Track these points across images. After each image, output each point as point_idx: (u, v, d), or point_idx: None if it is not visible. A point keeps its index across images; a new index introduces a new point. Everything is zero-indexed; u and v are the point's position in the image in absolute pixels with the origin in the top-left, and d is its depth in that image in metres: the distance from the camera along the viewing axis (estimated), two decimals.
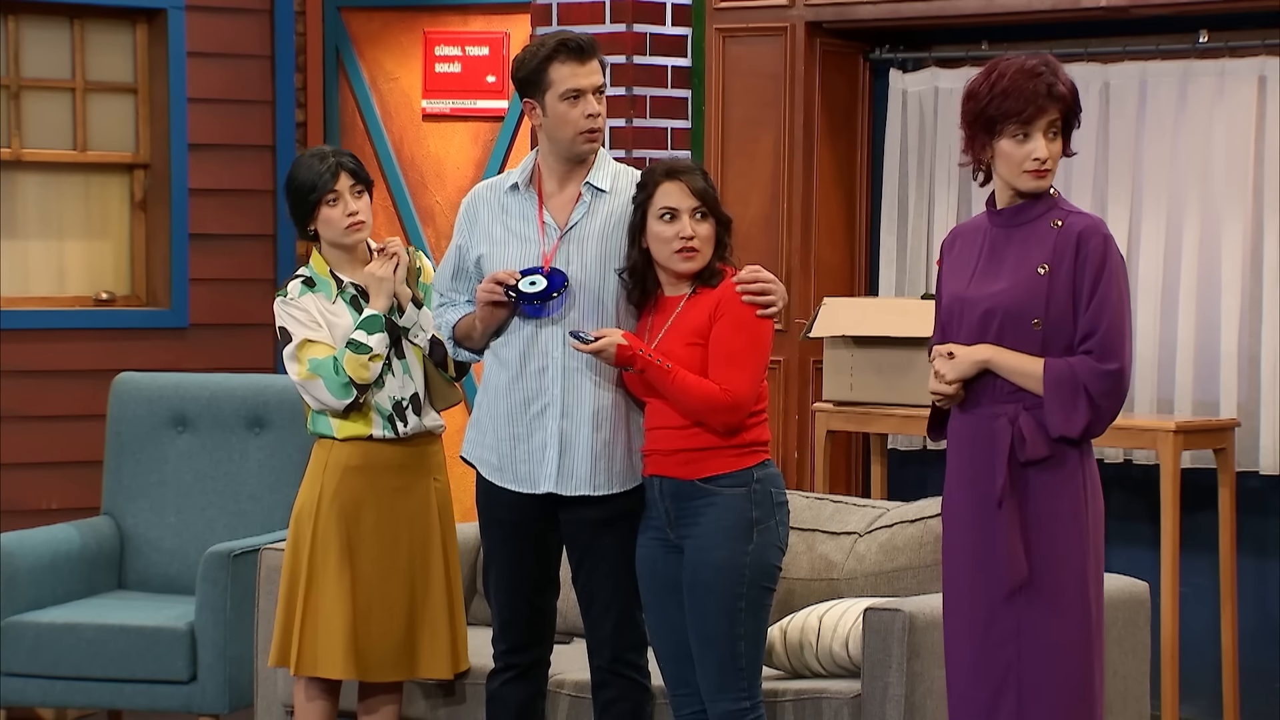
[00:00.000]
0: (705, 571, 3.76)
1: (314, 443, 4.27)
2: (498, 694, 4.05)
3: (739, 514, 3.76)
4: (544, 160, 3.96)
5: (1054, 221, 3.52)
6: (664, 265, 3.82)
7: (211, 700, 4.87)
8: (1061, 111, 3.50)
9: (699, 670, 3.80)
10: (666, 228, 3.78)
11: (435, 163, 6.65)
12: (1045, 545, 3.51)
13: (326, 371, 4.15)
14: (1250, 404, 5.29)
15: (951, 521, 3.62)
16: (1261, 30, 5.23)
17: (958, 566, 3.58)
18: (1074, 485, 3.52)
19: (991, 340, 3.52)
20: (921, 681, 3.97)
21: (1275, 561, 5.32)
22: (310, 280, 4.24)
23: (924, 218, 5.75)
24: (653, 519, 3.86)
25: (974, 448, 3.55)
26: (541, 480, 3.93)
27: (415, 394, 4.21)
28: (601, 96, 3.90)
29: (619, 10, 5.89)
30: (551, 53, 3.87)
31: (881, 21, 5.61)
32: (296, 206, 4.23)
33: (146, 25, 6.48)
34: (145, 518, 5.30)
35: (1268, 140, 5.23)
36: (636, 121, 5.91)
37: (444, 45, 6.58)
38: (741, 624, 3.76)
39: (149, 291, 6.53)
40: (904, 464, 5.80)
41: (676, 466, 3.79)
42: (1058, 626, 3.50)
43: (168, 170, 6.44)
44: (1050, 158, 3.50)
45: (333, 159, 4.20)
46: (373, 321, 4.18)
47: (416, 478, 4.23)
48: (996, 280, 3.53)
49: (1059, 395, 3.47)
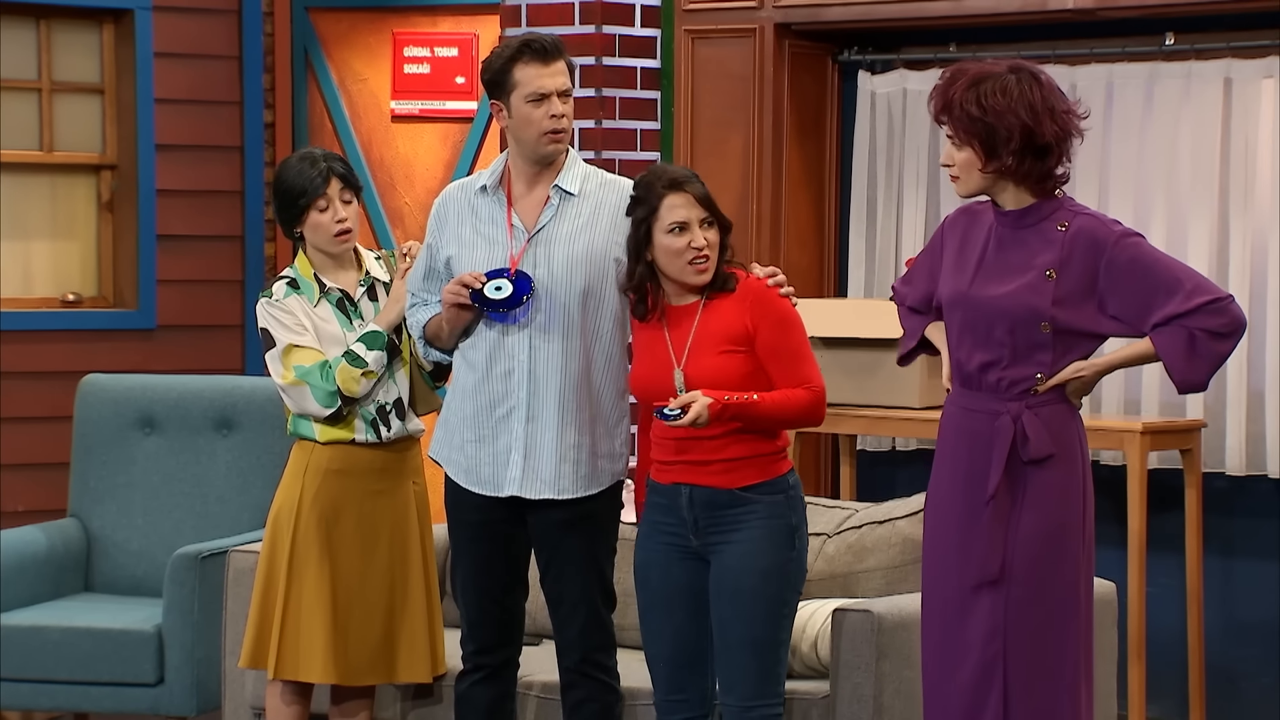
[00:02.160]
0: (752, 578, 3.71)
1: (292, 444, 4.25)
2: (466, 695, 4.04)
3: (781, 520, 3.74)
4: (513, 162, 3.96)
5: (1060, 224, 3.52)
6: (674, 278, 3.76)
7: (179, 702, 4.85)
8: (952, 124, 3.51)
9: (737, 676, 3.73)
10: (678, 240, 3.72)
11: (404, 164, 6.63)
12: (1042, 544, 3.51)
13: (314, 378, 4.13)
14: (1217, 405, 5.31)
15: (938, 516, 3.61)
16: (1227, 32, 5.26)
17: (942, 562, 3.58)
18: (1075, 484, 3.53)
19: (997, 341, 3.51)
20: (890, 682, 3.97)
21: (1241, 562, 5.35)
22: (294, 282, 4.23)
23: (892, 219, 5.76)
24: (667, 525, 3.78)
25: (973, 444, 3.54)
26: (505, 484, 3.93)
27: (399, 399, 4.20)
28: (567, 98, 3.89)
29: (588, 12, 5.88)
30: (515, 54, 3.87)
31: (850, 23, 5.62)
32: (284, 209, 4.21)
33: (113, 25, 6.45)
34: (112, 520, 5.28)
35: (1233, 142, 5.26)
36: (606, 123, 5.91)
37: (413, 46, 6.57)
38: (785, 629, 3.76)
39: (116, 293, 6.50)
40: (873, 465, 5.81)
41: (712, 475, 3.73)
42: (1047, 626, 3.50)
43: (135, 171, 6.42)
44: (954, 164, 3.52)
45: (324, 163, 4.18)
46: (375, 338, 4.15)
47: (396, 481, 4.22)
48: (1002, 282, 3.53)
49: (1175, 353, 3.46)
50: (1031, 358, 3.53)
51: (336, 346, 4.17)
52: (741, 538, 3.72)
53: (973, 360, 3.57)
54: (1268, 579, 5.30)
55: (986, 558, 3.51)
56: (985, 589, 3.51)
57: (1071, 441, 3.55)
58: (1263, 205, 5.22)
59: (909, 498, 4.43)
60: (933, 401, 5.40)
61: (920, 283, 3.71)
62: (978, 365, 3.56)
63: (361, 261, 4.27)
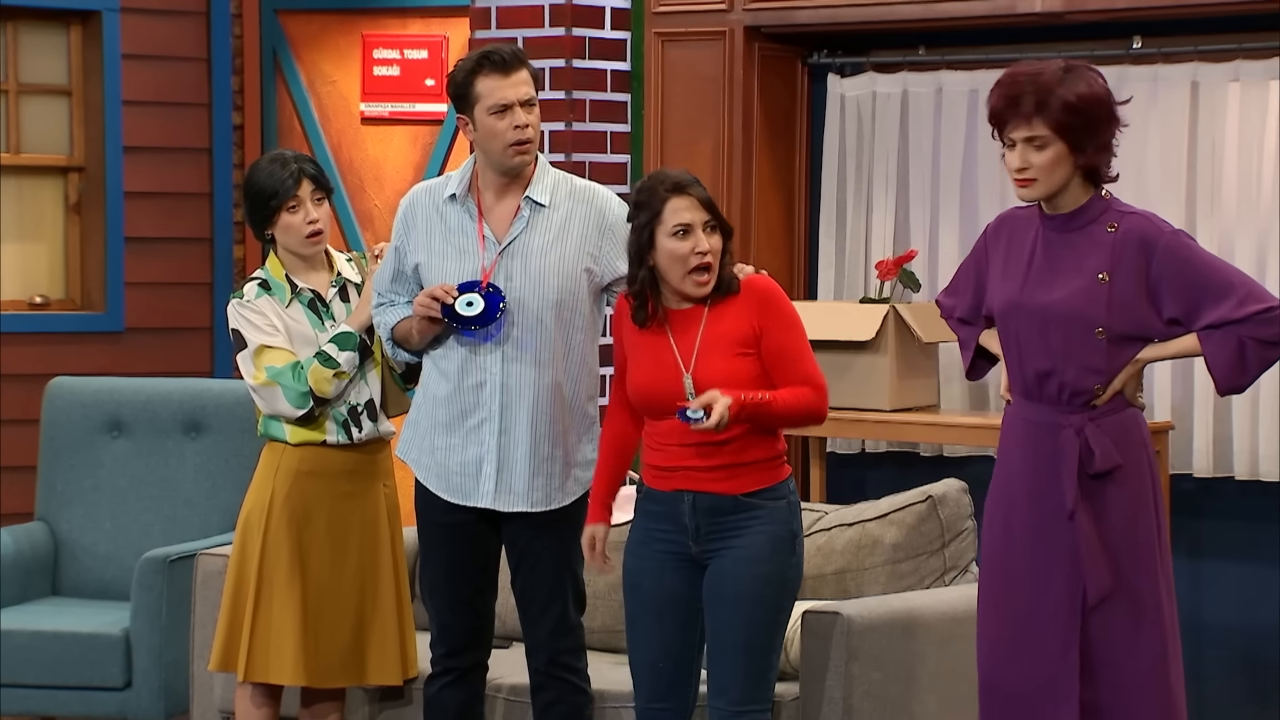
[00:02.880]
0: (754, 584, 3.69)
1: (262, 446, 4.24)
2: (436, 698, 4.03)
3: (783, 526, 3.72)
4: (481, 172, 3.95)
5: (1109, 225, 3.49)
6: (675, 287, 3.70)
7: (147, 706, 4.84)
8: (1048, 126, 3.43)
9: (730, 679, 3.70)
10: (681, 244, 3.67)
11: (374, 166, 6.62)
12: (1124, 558, 3.48)
13: (286, 379, 4.12)
14: (1184, 406, 5.33)
15: (1005, 532, 3.55)
16: (1194, 36, 5.28)
17: (1008, 578, 3.52)
18: (1145, 492, 3.50)
19: (1054, 349, 3.47)
20: (860, 684, 3.98)
21: (1209, 563, 5.37)
22: (265, 283, 4.21)
23: (862, 221, 5.77)
24: (663, 532, 3.74)
25: (1036, 461, 3.50)
26: (479, 496, 3.92)
27: (370, 400, 4.20)
28: (531, 108, 3.87)
29: (558, 14, 5.88)
30: (475, 67, 3.87)
31: (819, 26, 5.63)
32: (255, 211, 4.20)
33: (81, 27, 6.43)
34: (80, 523, 5.26)
35: (1200, 145, 5.28)
36: (576, 125, 5.91)
37: (382, 48, 6.56)
38: (779, 635, 3.74)
39: (84, 295, 6.48)
40: (842, 467, 5.82)
41: (715, 481, 3.69)
42: (1142, 636, 3.48)
43: (102, 173, 6.39)
44: (1028, 167, 3.46)
45: (295, 165, 4.17)
46: (346, 339, 4.15)
47: (367, 483, 4.21)
48: (1053, 288, 3.49)
49: (1224, 360, 3.43)
50: (1087, 364, 3.48)
51: (308, 347, 4.17)
52: (744, 543, 3.70)
53: (1030, 369, 3.52)
54: (1234, 580, 5.32)
55: (1096, 575, 3.45)
56: (1068, 608, 3.45)
57: (1139, 450, 3.53)
58: (1229, 208, 5.24)
59: (879, 500, 4.43)
60: (902, 403, 5.41)
61: (966, 292, 3.68)
62: (1035, 375, 3.52)
63: (333, 263, 4.27)
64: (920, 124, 5.63)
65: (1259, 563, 5.30)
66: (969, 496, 4.41)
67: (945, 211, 5.61)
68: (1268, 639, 5.26)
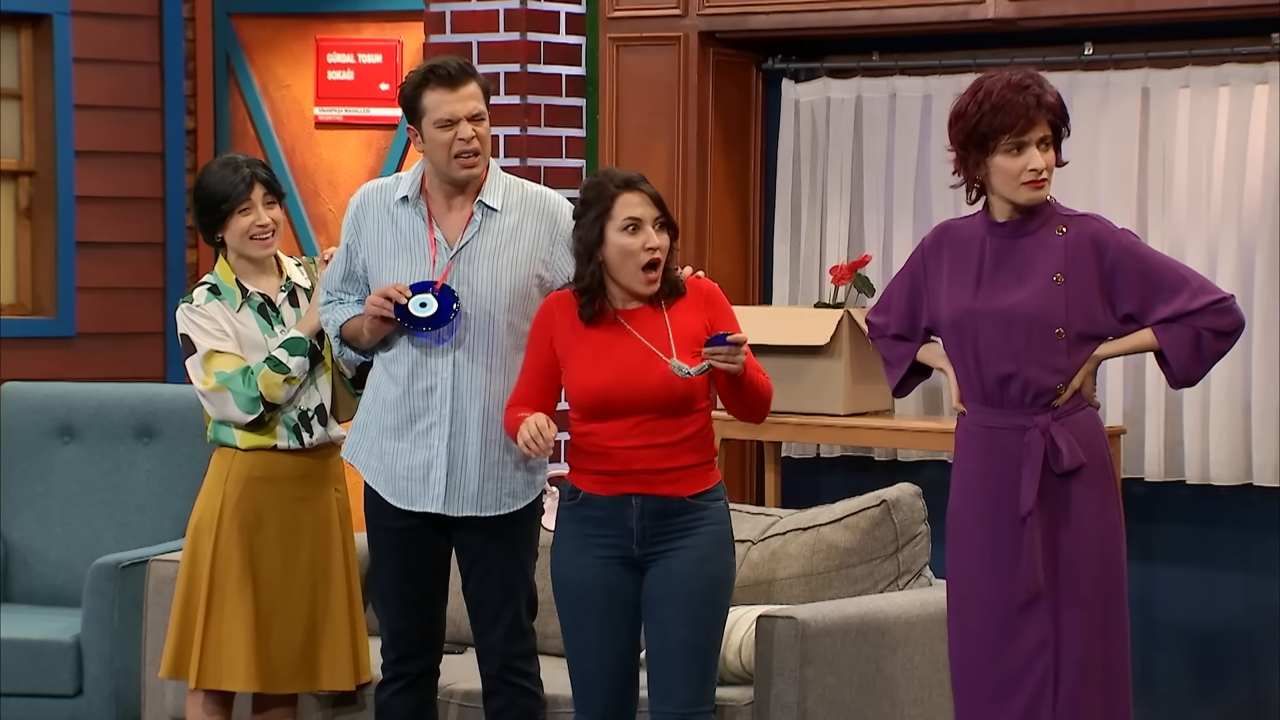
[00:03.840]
0: (702, 583, 3.69)
1: (212, 451, 4.22)
2: (388, 704, 4.02)
3: (724, 526, 3.74)
4: (430, 177, 3.95)
5: (1059, 229, 3.55)
6: (624, 283, 3.70)
7: (98, 714, 4.81)
8: (1051, 123, 3.55)
9: (677, 681, 3.69)
10: (632, 239, 3.67)
11: (328, 170, 6.60)
12: (1086, 555, 3.52)
13: (236, 385, 4.10)
14: (1135, 411, 5.36)
15: (968, 540, 3.59)
16: (1144, 43, 5.31)
17: (976, 585, 3.57)
18: (1110, 492, 3.56)
19: (1015, 352, 3.52)
20: (814, 688, 3.99)
21: (1161, 567, 5.40)
22: (215, 288, 4.20)
23: (817, 227, 5.79)
24: (604, 537, 3.71)
25: (1002, 460, 3.54)
26: (428, 501, 3.91)
27: (321, 405, 4.18)
28: (479, 122, 3.87)
29: (513, 19, 5.88)
30: (423, 80, 3.88)
31: (774, 32, 5.64)
32: (206, 215, 4.18)
33: (31, 30, 6.39)
34: (31, 529, 5.22)
35: (1151, 151, 5.32)
36: (531, 130, 5.91)
37: (336, 53, 6.54)
38: (721, 635, 3.75)
39: (35, 300, 6.43)
40: (798, 471, 5.83)
41: (665, 484, 3.69)
42: (1097, 635, 3.53)
43: (54, 177, 6.36)
44: (1046, 168, 3.54)
45: (246, 169, 4.16)
46: (296, 344, 4.13)
47: (318, 488, 4.20)
48: (1010, 292, 3.54)
49: (1181, 351, 3.48)
50: (1049, 364, 3.53)
51: (258, 352, 4.15)
52: (691, 543, 3.70)
53: (991, 374, 3.56)
54: (1185, 584, 5.35)
55: (1032, 574, 3.50)
56: (1033, 605, 3.51)
57: (1101, 449, 3.57)
58: (1179, 213, 5.28)
59: (833, 504, 4.44)
60: (857, 408, 5.43)
61: (900, 308, 3.71)
62: (997, 379, 3.56)
63: (282, 267, 4.25)
64: (874, 129, 5.65)
65: (1210, 566, 5.33)
66: (923, 501, 4.42)
67: (899, 216, 5.63)
68: (1218, 642, 5.30)
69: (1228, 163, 5.18)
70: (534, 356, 3.79)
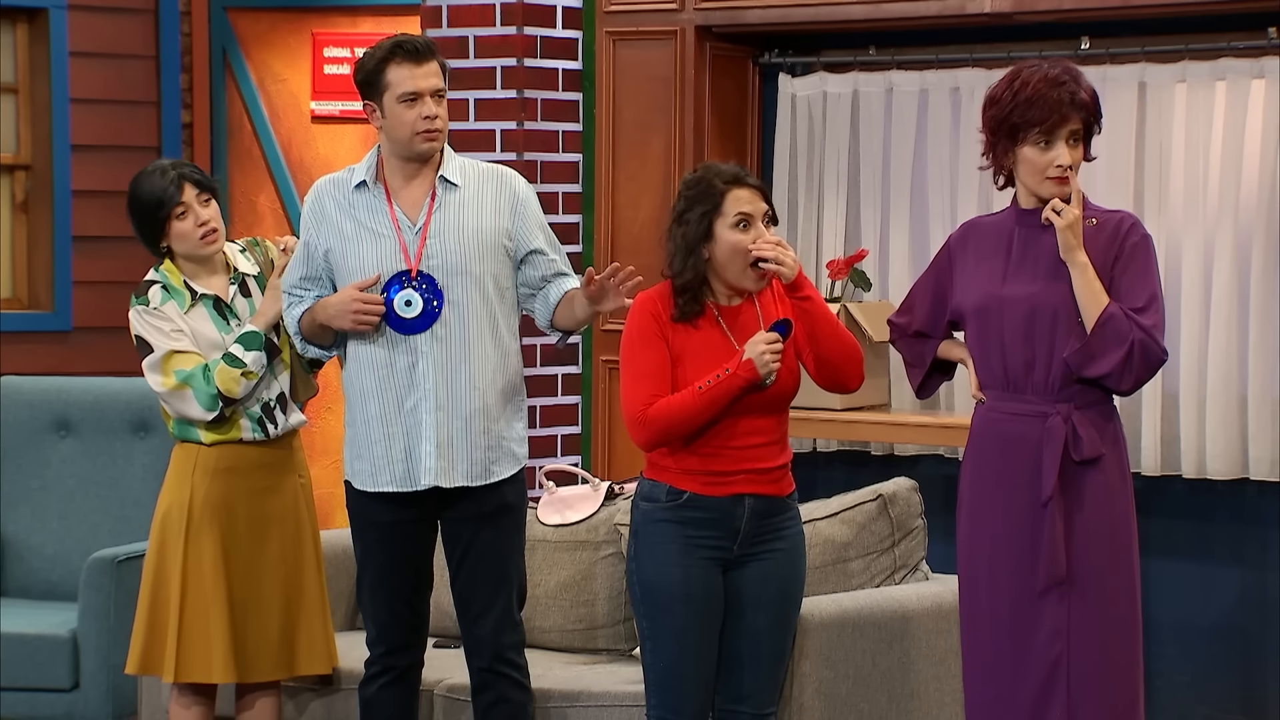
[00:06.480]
0: (794, 588, 3.72)
1: (174, 446, 4.21)
2: (375, 698, 4.03)
3: (802, 528, 3.77)
4: (387, 160, 3.97)
5: (1089, 220, 3.59)
6: (731, 281, 3.63)
7: (94, 708, 4.81)
8: (1083, 120, 3.58)
9: (762, 683, 3.69)
10: (744, 236, 3.60)
11: (324, 164, 6.60)
12: (1100, 544, 3.55)
13: (196, 382, 4.11)
14: (1131, 405, 5.36)
15: (983, 523, 3.62)
16: (1141, 37, 5.31)
17: (992, 573, 3.58)
18: (1124, 484, 3.60)
19: (1040, 338, 3.55)
20: (810, 682, 3.99)
21: (1157, 562, 5.40)
22: (165, 287, 4.19)
23: (813, 221, 5.78)
24: (709, 539, 3.65)
25: (1021, 448, 3.57)
26: (422, 475, 3.92)
27: (281, 393, 4.20)
28: (441, 99, 3.90)
29: (509, 13, 5.88)
30: (388, 55, 3.89)
31: (770, 26, 5.64)
32: (145, 225, 4.18)
33: (27, 24, 6.38)
34: (27, 524, 5.22)
35: (1148, 145, 5.31)
36: (528, 124, 5.91)
37: (333, 47, 6.54)
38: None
39: (31, 294, 6.43)
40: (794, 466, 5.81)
41: (770, 484, 3.68)
42: (1110, 624, 3.55)
43: (50, 171, 6.35)
44: (1073, 164, 3.58)
45: (173, 171, 4.16)
46: (252, 338, 4.14)
47: (282, 476, 4.21)
48: (1035, 280, 3.59)
49: (1104, 334, 3.51)
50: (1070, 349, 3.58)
51: (215, 351, 4.16)
52: (784, 546, 3.70)
53: (1015, 361, 3.60)
54: (1181, 579, 5.36)
55: (1053, 559, 3.52)
56: (1049, 593, 3.53)
57: (1117, 440, 3.62)
58: (1175, 208, 5.28)
59: (829, 499, 4.44)
60: (853, 403, 5.43)
61: (924, 306, 3.75)
62: (1022, 365, 3.60)
63: (229, 261, 4.24)
64: (871, 124, 5.65)
65: (1206, 561, 5.33)
66: (919, 495, 4.42)
67: (896, 211, 5.63)
68: (1215, 637, 5.30)
69: (1224, 157, 5.18)
70: (654, 355, 3.64)
